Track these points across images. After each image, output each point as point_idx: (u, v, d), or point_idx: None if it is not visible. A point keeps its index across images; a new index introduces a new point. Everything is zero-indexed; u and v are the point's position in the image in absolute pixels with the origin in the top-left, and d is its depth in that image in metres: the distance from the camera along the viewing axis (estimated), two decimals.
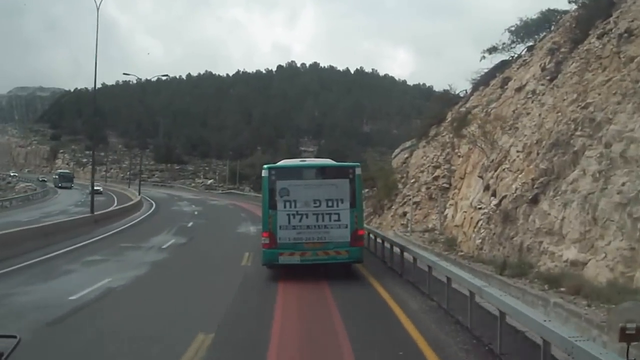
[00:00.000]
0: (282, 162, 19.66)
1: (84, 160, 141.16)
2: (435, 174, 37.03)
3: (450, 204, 31.82)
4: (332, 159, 21.76)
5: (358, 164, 17.96)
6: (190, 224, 41.95)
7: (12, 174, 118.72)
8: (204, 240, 31.93)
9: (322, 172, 17.55)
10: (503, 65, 38.07)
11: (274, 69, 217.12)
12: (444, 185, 35.39)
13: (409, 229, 32.19)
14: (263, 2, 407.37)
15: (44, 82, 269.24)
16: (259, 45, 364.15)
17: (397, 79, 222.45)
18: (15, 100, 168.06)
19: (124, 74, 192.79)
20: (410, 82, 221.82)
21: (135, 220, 44.18)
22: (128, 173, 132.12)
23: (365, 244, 20.79)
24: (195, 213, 55.16)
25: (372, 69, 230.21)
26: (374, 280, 17.48)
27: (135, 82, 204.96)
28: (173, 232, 35.12)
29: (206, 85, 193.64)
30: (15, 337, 3.40)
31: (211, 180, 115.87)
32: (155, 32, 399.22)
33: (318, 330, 11.44)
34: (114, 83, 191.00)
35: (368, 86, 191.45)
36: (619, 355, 5.28)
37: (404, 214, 37.31)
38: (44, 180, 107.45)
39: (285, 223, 16.45)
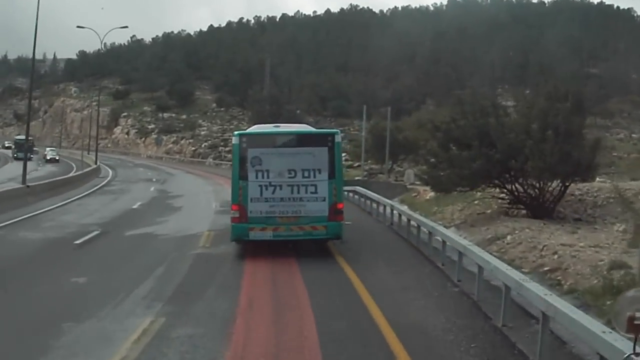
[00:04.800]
0: (254, 128, 19.68)
1: (150, 127, 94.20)
2: None
3: None
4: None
5: (337, 130, 17.90)
6: None
7: None
8: None
9: (298, 139, 16.86)
10: None
11: (444, 1, 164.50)
12: None
13: None
14: None
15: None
16: None
17: (617, 7, 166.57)
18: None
19: None
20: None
21: None
22: (203, 145, 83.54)
23: None
24: None
25: None
26: None
27: (253, 20, 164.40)
28: None
29: (350, 21, 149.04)
30: None
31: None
32: None
33: None
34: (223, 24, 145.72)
35: (580, 17, 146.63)
36: None
37: None
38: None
39: (257, 195, 15.76)
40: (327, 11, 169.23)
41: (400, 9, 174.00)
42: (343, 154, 74.40)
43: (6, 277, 12.68)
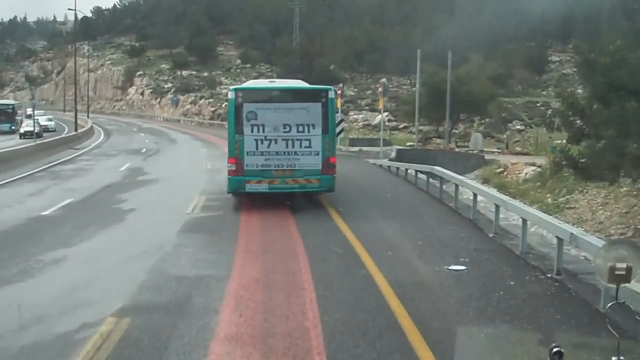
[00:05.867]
0: (250, 83, 21.25)
1: (167, 85, 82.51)
2: None
3: None
4: None
5: (331, 87, 17.42)
6: None
7: None
8: None
9: (293, 94, 16.79)
10: None
11: None
12: None
13: None
14: None
15: None
16: None
17: None
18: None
19: None
20: None
21: None
22: (224, 105, 71.44)
23: None
24: None
25: None
26: None
27: None
28: None
29: None
30: None
31: (382, 116, 50.68)
32: None
33: None
34: None
35: None
36: None
37: None
38: None
39: (253, 149, 15.65)
40: None
41: None
42: (385, 114, 62.85)
43: None
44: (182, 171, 25.04)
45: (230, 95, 16.01)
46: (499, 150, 37.90)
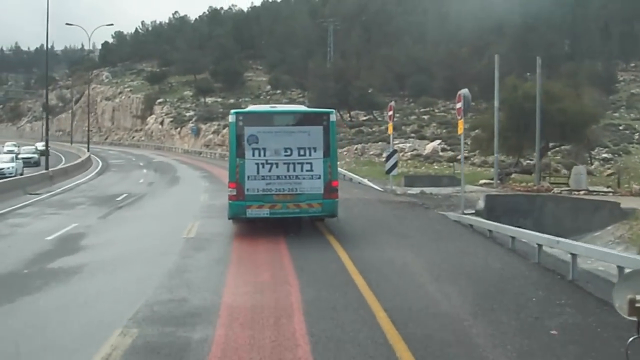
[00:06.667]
0: (252, 107, 20.57)
1: (188, 114, 75.17)
2: None
3: None
4: None
5: (332, 110, 17.38)
6: None
7: None
8: None
9: (294, 118, 16.95)
10: None
11: None
12: None
13: None
14: None
15: None
16: None
17: None
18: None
19: None
20: None
21: None
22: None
23: None
24: None
25: None
26: None
27: None
28: None
29: None
30: None
31: (434, 143, 42.48)
32: None
33: None
34: None
35: None
36: None
37: None
38: None
39: (254, 173, 15.72)
40: None
41: None
42: (437, 142, 54.02)
43: None
44: (144, 243, 16.10)
45: (231, 118, 16.02)
46: (611, 190, 28.65)
